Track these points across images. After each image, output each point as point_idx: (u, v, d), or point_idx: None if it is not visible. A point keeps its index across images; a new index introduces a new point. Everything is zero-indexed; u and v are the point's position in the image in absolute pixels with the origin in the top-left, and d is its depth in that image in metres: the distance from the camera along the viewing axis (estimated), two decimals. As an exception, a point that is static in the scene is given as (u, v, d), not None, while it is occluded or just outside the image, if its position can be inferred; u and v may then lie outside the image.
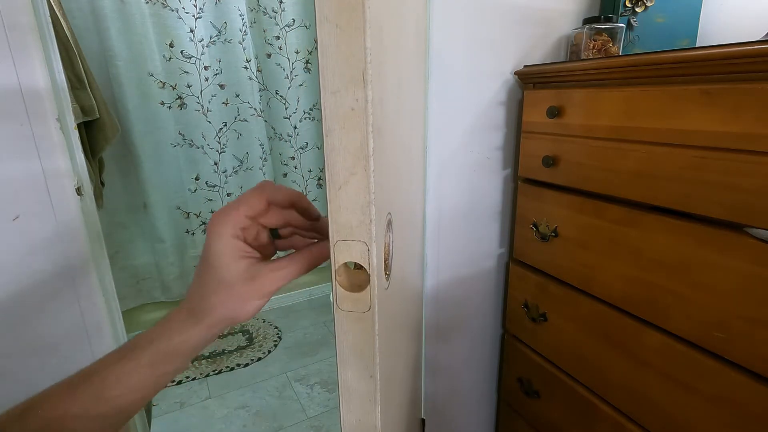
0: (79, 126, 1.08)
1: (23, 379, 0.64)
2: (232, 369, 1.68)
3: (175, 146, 1.74)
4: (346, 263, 0.25)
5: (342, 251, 0.24)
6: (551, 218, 0.84)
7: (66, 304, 0.64)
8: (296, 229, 0.38)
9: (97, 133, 1.22)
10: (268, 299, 0.32)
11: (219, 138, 1.82)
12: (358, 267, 0.25)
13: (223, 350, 1.80)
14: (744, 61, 0.53)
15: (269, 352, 1.79)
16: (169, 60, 1.65)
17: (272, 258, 0.36)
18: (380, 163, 0.25)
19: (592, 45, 0.84)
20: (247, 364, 1.70)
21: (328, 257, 0.28)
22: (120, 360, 0.32)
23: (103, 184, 1.40)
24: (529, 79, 0.86)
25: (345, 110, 0.22)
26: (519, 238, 0.94)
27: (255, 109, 1.85)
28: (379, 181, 0.25)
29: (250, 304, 0.32)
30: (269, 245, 0.36)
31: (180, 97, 1.70)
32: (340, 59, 0.21)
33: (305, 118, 2.00)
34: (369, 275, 0.25)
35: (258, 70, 1.83)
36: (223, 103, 1.79)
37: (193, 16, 1.66)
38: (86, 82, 1.13)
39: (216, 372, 1.66)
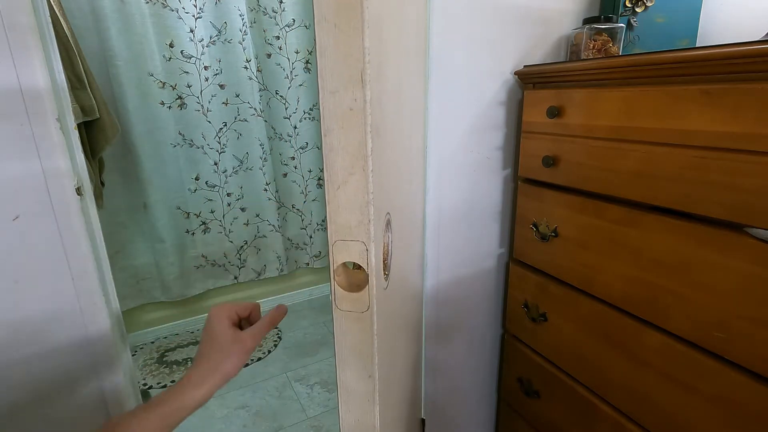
0: (79, 126, 1.08)
1: (23, 380, 0.64)
2: (232, 369, 1.68)
3: (175, 146, 1.74)
4: (344, 263, 0.25)
5: (341, 251, 0.24)
6: (551, 218, 0.84)
7: (66, 304, 0.64)
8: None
9: (97, 133, 1.23)
10: (249, 354, 0.49)
11: (219, 138, 1.82)
12: (357, 267, 0.25)
13: (223, 350, 1.79)
14: (744, 61, 0.53)
15: (269, 352, 1.79)
16: (169, 60, 1.65)
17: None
18: (379, 163, 0.25)
19: (592, 45, 0.84)
20: (247, 364, 1.70)
21: (280, 319, 0.55)
22: (139, 413, 0.43)
23: (103, 184, 1.40)
24: (529, 79, 0.86)
25: (343, 110, 0.22)
26: (519, 238, 0.93)
27: (255, 109, 1.85)
28: (378, 181, 0.25)
29: (237, 359, 0.47)
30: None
31: (180, 97, 1.70)
32: (339, 59, 0.21)
33: (305, 118, 2.00)
34: (367, 275, 0.25)
35: (258, 70, 1.83)
36: (223, 103, 1.79)
37: (193, 16, 1.66)
38: (86, 82, 1.13)
39: (216, 372, 1.66)
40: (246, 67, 1.79)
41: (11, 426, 0.65)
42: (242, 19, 1.74)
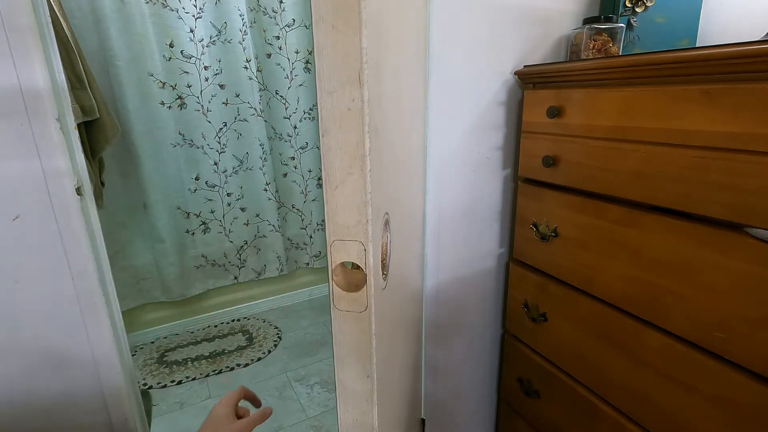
0: (79, 126, 1.09)
1: (23, 380, 0.64)
2: (232, 369, 1.68)
3: (175, 146, 1.74)
4: (343, 263, 0.25)
5: (339, 251, 0.24)
6: (551, 218, 0.84)
7: (66, 304, 0.64)
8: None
9: (97, 133, 1.23)
10: None
11: (219, 138, 1.82)
12: (356, 267, 0.25)
13: (223, 350, 1.80)
14: (744, 61, 0.53)
15: (269, 352, 1.79)
16: (169, 60, 1.65)
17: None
18: (378, 163, 0.25)
19: (592, 45, 0.84)
20: (247, 364, 1.70)
21: (265, 419, 0.63)
22: None
23: (103, 184, 1.40)
24: (529, 79, 0.86)
25: (341, 110, 0.22)
26: (519, 238, 0.93)
27: (255, 109, 1.85)
28: (377, 181, 0.25)
29: None
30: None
31: (180, 97, 1.71)
32: (337, 59, 0.21)
33: (305, 118, 2.00)
34: (366, 275, 0.25)
35: (258, 70, 1.83)
36: (223, 103, 1.80)
37: (193, 16, 1.66)
38: (86, 82, 1.13)
39: (216, 372, 1.66)
40: (246, 67, 1.79)
41: (11, 425, 0.65)
42: (242, 19, 1.74)
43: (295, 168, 2.04)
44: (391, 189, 0.35)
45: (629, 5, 0.87)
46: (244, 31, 1.75)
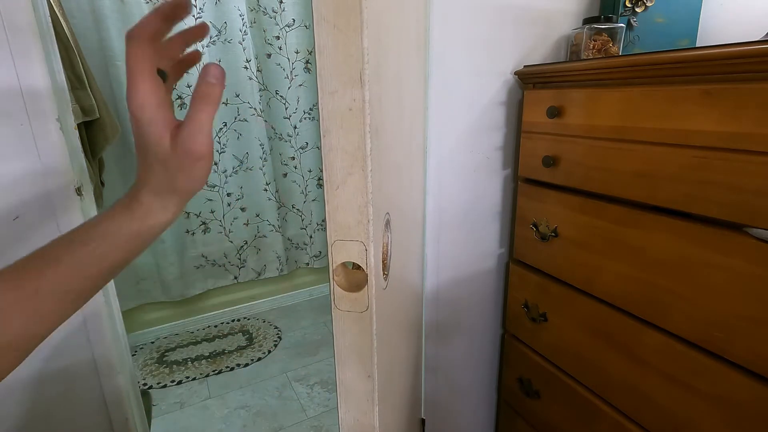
0: (79, 126, 1.08)
1: (23, 381, 0.64)
2: (232, 369, 1.68)
3: (175, 146, 1.74)
4: (344, 263, 0.25)
5: (339, 251, 0.24)
6: (551, 218, 0.84)
7: (66, 304, 0.64)
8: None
9: (97, 133, 1.22)
10: (207, 161, 0.34)
11: (219, 138, 1.82)
12: (356, 267, 0.25)
13: (223, 350, 1.80)
14: (744, 61, 0.53)
15: (269, 352, 1.79)
16: (170, 60, 1.65)
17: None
18: (378, 163, 0.25)
19: (592, 45, 0.84)
20: (247, 364, 1.70)
21: (221, 78, 0.32)
22: (86, 244, 0.33)
23: (103, 184, 1.40)
24: (529, 79, 0.86)
25: (342, 110, 0.22)
26: (519, 238, 0.93)
27: (255, 109, 1.85)
28: (377, 181, 0.25)
29: (197, 173, 0.34)
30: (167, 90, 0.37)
31: (180, 97, 1.71)
32: (338, 59, 0.21)
33: (305, 118, 2.00)
34: (367, 275, 0.25)
35: (258, 70, 1.83)
36: (223, 102, 1.79)
37: (193, 16, 1.66)
38: (86, 82, 1.13)
39: (216, 372, 1.66)
40: (246, 67, 1.79)
41: (12, 424, 0.65)
42: (242, 19, 1.74)
43: (295, 168, 2.04)
44: (392, 189, 0.35)
45: (629, 5, 0.88)
46: (244, 31, 1.75)
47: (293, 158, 2.02)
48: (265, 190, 1.95)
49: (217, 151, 1.83)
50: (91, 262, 0.33)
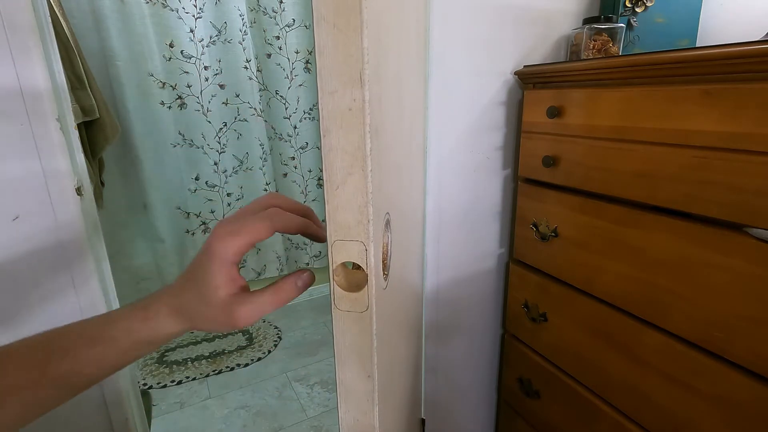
0: (79, 126, 1.08)
1: (23, 379, 0.64)
2: (232, 369, 1.68)
3: (175, 146, 1.74)
4: (344, 263, 0.25)
5: (339, 251, 0.24)
6: (551, 218, 0.84)
7: (66, 305, 0.64)
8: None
9: (97, 133, 1.23)
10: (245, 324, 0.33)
11: (219, 138, 1.82)
12: (356, 267, 0.25)
13: (223, 350, 1.80)
14: (744, 61, 0.53)
15: (269, 352, 1.79)
16: (169, 60, 1.65)
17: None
18: (378, 163, 0.25)
19: (592, 45, 0.84)
20: (247, 364, 1.70)
21: (304, 288, 0.33)
22: (95, 344, 0.34)
23: (103, 184, 1.40)
24: (529, 79, 0.86)
25: (342, 110, 0.22)
26: (519, 238, 0.93)
27: (255, 109, 1.85)
28: (377, 181, 0.25)
29: (224, 326, 0.33)
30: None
31: (180, 97, 1.71)
32: (338, 59, 0.21)
33: (305, 118, 2.00)
34: (367, 275, 0.25)
35: (258, 70, 1.83)
36: (223, 103, 1.80)
37: (193, 16, 1.66)
38: (86, 82, 1.13)
39: (216, 372, 1.66)
40: (246, 67, 1.79)
41: (11, 426, 0.65)
42: (242, 19, 1.74)
43: (295, 168, 2.04)
44: (392, 189, 0.35)
45: (629, 5, 0.88)
46: (244, 31, 1.75)
47: (293, 158, 2.02)
48: (265, 190, 1.95)
49: (217, 151, 1.83)
50: (96, 364, 0.34)
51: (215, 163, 1.84)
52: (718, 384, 0.61)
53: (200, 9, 1.66)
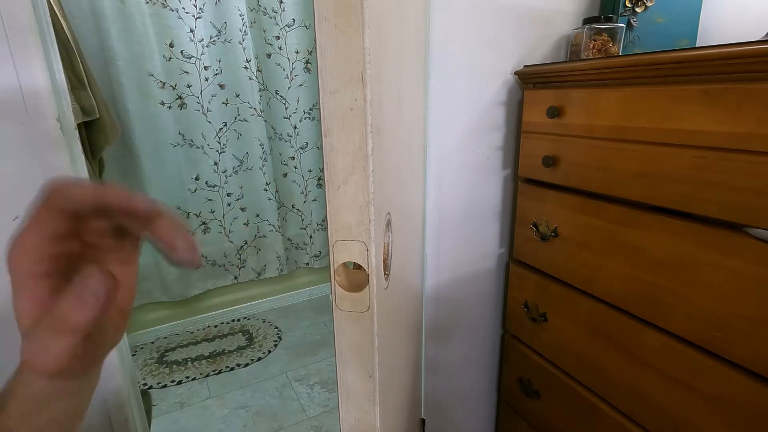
0: (79, 126, 1.08)
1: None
2: (232, 369, 1.68)
3: (175, 146, 1.74)
4: (345, 263, 0.25)
5: (341, 251, 0.24)
6: (551, 218, 0.84)
7: (66, 304, 0.64)
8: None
9: (97, 133, 1.22)
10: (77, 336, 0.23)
11: (219, 138, 1.82)
12: (357, 267, 0.25)
13: (223, 350, 1.80)
14: (744, 61, 0.53)
15: (269, 352, 1.79)
16: (169, 60, 1.65)
17: None
18: (379, 163, 0.25)
19: (592, 45, 0.84)
20: (247, 364, 1.70)
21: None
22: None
23: (103, 184, 1.40)
24: (529, 79, 0.86)
25: (344, 110, 0.22)
26: (519, 238, 0.93)
27: (255, 109, 1.85)
28: (378, 181, 0.25)
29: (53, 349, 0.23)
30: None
31: (180, 97, 1.70)
32: (339, 59, 0.21)
33: (305, 118, 2.00)
34: (368, 275, 0.25)
35: (258, 70, 1.83)
36: (223, 103, 1.79)
37: (193, 16, 1.65)
38: (86, 82, 1.13)
39: (216, 372, 1.66)
40: (246, 67, 1.79)
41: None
42: (242, 19, 1.74)
43: (295, 168, 2.04)
44: (393, 189, 0.35)
45: (629, 5, 0.88)
46: (244, 31, 1.75)
47: (293, 158, 2.02)
48: (265, 190, 1.95)
49: (217, 151, 1.83)
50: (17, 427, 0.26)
51: (215, 163, 1.84)
52: (718, 384, 0.61)
53: (200, 9, 1.66)
